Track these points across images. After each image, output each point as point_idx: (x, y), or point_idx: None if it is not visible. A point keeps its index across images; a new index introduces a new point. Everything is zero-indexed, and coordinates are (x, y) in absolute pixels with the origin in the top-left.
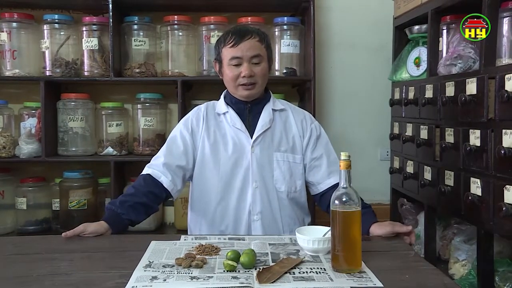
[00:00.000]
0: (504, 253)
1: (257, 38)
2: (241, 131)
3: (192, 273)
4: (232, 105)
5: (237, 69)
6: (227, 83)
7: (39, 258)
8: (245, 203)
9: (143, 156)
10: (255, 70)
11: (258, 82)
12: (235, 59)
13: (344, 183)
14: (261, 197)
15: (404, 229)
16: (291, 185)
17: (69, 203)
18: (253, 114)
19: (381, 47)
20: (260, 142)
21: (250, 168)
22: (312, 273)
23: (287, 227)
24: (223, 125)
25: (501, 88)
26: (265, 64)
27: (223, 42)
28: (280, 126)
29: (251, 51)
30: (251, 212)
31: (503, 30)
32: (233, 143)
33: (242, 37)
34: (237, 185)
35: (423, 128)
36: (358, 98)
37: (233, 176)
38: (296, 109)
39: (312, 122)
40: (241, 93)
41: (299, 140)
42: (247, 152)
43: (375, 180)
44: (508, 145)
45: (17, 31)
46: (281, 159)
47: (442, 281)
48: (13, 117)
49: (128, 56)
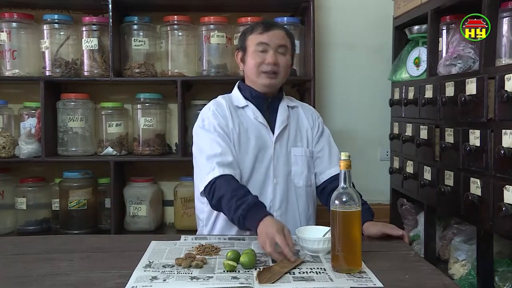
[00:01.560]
0: (504, 253)
1: (285, 32)
2: (264, 125)
3: (192, 273)
4: (252, 99)
5: (262, 56)
6: (249, 70)
7: (39, 258)
8: (265, 200)
9: (143, 156)
10: (280, 60)
11: (280, 72)
12: (262, 45)
13: (344, 183)
14: (281, 194)
15: (394, 232)
16: (308, 179)
17: (69, 203)
18: (270, 110)
19: (381, 47)
20: (280, 138)
21: (272, 164)
22: (312, 273)
23: (304, 223)
24: (244, 118)
25: (501, 88)
26: (289, 57)
27: (251, 31)
28: (294, 122)
29: (279, 40)
30: (272, 209)
31: (503, 30)
32: (256, 137)
33: (271, 26)
34: (258, 180)
35: (423, 128)
36: (358, 98)
37: (254, 171)
38: (304, 105)
39: (318, 117)
40: (263, 81)
41: (311, 134)
42: (269, 148)
43: (375, 180)
44: (508, 145)
45: (17, 31)
46: (299, 154)
47: (442, 281)
48: (13, 117)
49: (128, 56)
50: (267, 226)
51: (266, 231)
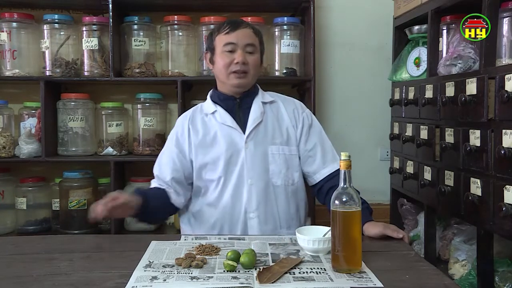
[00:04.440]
0: (504, 253)
1: (252, 30)
2: (232, 128)
3: (192, 273)
4: (221, 102)
5: (231, 56)
6: (219, 71)
7: (39, 258)
8: (240, 202)
9: (143, 156)
10: (249, 59)
11: (250, 71)
12: (230, 45)
13: (344, 183)
14: (257, 194)
15: (394, 234)
16: (288, 178)
17: (69, 203)
18: (243, 110)
19: (381, 47)
20: (254, 137)
21: (245, 165)
22: (312, 273)
23: (284, 223)
24: (212, 125)
25: (501, 88)
26: (258, 55)
27: (217, 31)
28: (272, 118)
29: (246, 39)
30: (247, 210)
31: (503, 30)
32: (226, 142)
33: (237, 25)
34: (232, 183)
35: (423, 128)
36: (358, 98)
37: (228, 175)
38: (286, 99)
39: (304, 111)
40: (233, 81)
41: (293, 131)
42: (241, 149)
43: (375, 180)
44: (508, 145)
45: (17, 31)
46: (277, 152)
47: (442, 281)
48: (13, 117)
49: (128, 56)
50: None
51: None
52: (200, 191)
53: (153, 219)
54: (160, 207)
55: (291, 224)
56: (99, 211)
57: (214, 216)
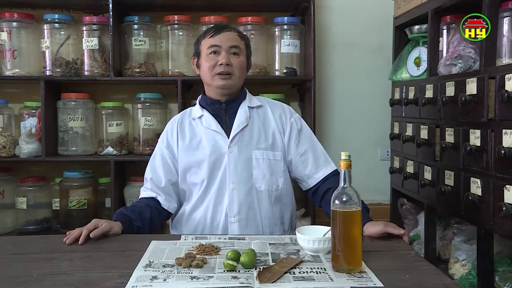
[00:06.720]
0: (504, 253)
1: (237, 33)
2: (217, 132)
3: (192, 273)
4: (207, 107)
5: (215, 58)
6: (204, 74)
7: (39, 258)
8: (222, 206)
9: (143, 156)
10: (233, 61)
11: (235, 73)
12: (214, 47)
13: (344, 183)
14: (238, 198)
15: (396, 231)
16: (272, 183)
17: (69, 203)
18: (229, 114)
19: (381, 47)
20: (238, 141)
21: (227, 169)
22: (312, 273)
23: (267, 229)
24: (199, 129)
25: (501, 88)
26: (244, 58)
27: (203, 35)
28: (258, 123)
29: (230, 42)
30: (228, 215)
31: (503, 30)
32: (210, 146)
33: (222, 28)
34: (215, 187)
35: (423, 128)
36: (358, 98)
37: (211, 179)
38: (274, 103)
39: (292, 116)
40: (217, 82)
41: (279, 136)
42: (224, 154)
43: (375, 180)
44: (508, 145)
45: (17, 31)
46: (261, 157)
47: (442, 281)
48: (13, 117)
49: (128, 56)
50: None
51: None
52: (184, 195)
53: (142, 232)
54: (147, 223)
55: (274, 230)
56: (80, 240)
57: (195, 220)
